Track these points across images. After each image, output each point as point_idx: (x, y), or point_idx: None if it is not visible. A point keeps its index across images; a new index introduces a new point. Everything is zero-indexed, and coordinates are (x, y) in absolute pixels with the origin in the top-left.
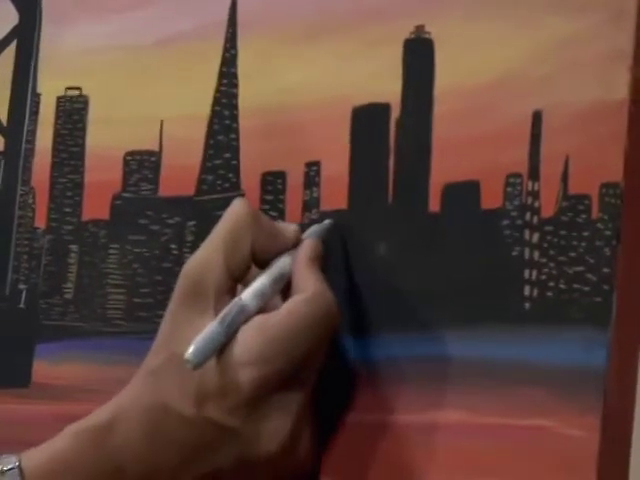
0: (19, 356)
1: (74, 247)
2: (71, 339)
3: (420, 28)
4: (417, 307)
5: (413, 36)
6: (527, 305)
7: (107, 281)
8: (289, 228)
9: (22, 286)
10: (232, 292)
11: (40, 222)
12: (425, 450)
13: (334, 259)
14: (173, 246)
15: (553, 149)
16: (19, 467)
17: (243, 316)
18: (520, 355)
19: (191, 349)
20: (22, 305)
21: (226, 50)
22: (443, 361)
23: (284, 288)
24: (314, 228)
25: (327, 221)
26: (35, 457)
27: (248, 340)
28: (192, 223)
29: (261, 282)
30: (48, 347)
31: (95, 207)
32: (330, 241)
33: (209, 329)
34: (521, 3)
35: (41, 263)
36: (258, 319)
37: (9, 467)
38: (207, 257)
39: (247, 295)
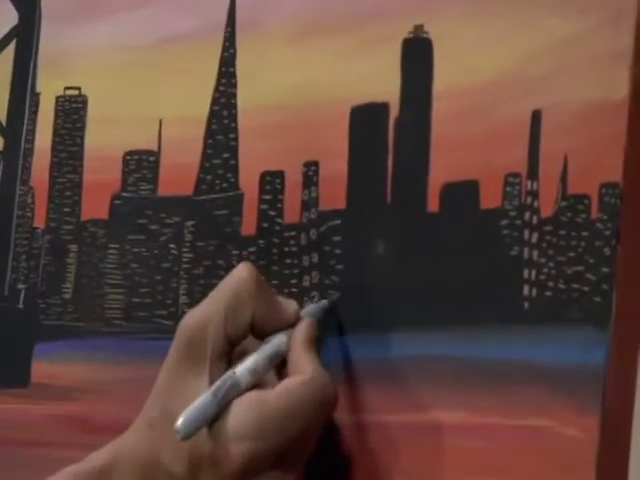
0: (18, 356)
1: (73, 247)
2: (70, 339)
3: (419, 28)
4: (416, 307)
5: (412, 36)
6: (526, 305)
7: (106, 281)
8: (290, 306)
9: (21, 286)
10: (228, 357)
11: (39, 222)
12: (424, 450)
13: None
14: (172, 246)
15: (552, 149)
16: None
17: (235, 391)
18: (519, 355)
19: (181, 420)
20: (21, 305)
21: (225, 50)
22: (442, 361)
23: (278, 364)
24: (311, 308)
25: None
26: None
27: (243, 414)
28: (191, 223)
29: (256, 359)
30: (47, 347)
31: (94, 207)
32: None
33: (201, 400)
34: (520, 3)
35: (40, 263)
36: (254, 394)
37: None
38: (208, 317)
39: (241, 370)
